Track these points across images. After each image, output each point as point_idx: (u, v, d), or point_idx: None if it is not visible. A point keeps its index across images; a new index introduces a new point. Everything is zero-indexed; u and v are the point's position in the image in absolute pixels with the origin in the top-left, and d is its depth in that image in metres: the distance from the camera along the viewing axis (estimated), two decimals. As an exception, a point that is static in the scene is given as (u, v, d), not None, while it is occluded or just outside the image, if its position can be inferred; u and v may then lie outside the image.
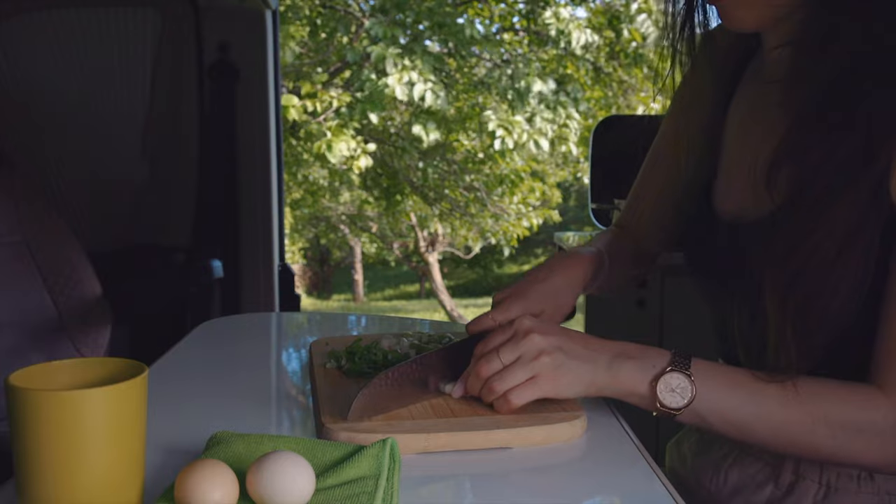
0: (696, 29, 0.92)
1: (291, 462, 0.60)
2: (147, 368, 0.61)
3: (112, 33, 2.32)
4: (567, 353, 0.80)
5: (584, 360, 0.80)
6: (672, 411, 0.78)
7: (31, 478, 0.56)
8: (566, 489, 0.72)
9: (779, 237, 0.78)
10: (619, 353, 0.81)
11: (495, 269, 13.81)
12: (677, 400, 0.77)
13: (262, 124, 2.40)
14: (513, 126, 7.01)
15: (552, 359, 0.80)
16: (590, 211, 2.73)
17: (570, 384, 0.80)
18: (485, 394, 0.82)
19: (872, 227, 0.74)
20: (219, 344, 1.23)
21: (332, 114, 6.96)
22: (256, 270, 2.44)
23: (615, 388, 0.80)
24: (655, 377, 0.78)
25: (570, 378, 0.80)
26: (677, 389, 0.77)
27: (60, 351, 1.77)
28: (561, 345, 0.81)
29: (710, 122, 0.97)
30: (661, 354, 0.80)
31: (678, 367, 0.78)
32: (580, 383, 0.80)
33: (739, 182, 0.90)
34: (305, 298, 11.91)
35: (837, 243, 0.74)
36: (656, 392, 0.78)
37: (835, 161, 0.75)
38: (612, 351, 0.81)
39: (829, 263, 0.75)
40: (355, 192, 9.98)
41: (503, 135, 6.99)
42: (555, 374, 0.80)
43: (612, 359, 0.80)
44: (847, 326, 0.76)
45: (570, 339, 0.82)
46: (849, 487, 0.83)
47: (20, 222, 1.75)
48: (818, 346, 0.77)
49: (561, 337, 0.81)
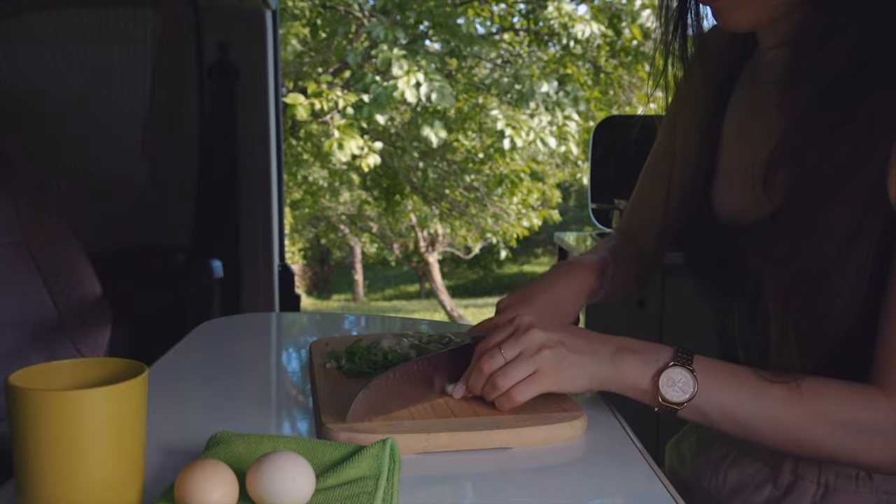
0: (688, 30, 0.92)
1: (291, 462, 0.60)
2: (147, 368, 0.61)
3: (112, 33, 2.32)
4: (569, 347, 0.80)
5: (587, 354, 0.80)
6: (674, 406, 0.78)
7: (31, 478, 0.56)
8: (566, 489, 0.72)
9: (779, 239, 0.77)
10: (621, 347, 0.81)
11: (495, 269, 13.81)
12: (679, 395, 0.77)
13: (262, 124, 2.40)
14: (521, 125, 7.01)
15: (554, 353, 0.79)
16: (590, 211, 2.73)
17: (572, 378, 0.80)
18: (487, 391, 0.82)
19: (871, 228, 0.74)
20: (219, 344, 1.23)
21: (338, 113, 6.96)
22: (256, 270, 2.44)
23: (617, 382, 0.80)
24: (658, 371, 0.78)
25: (572, 372, 0.80)
26: (679, 384, 0.77)
27: (60, 351, 1.77)
28: (562, 339, 0.81)
29: (707, 124, 0.97)
30: (664, 350, 0.80)
31: (680, 362, 0.78)
32: (582, 377, 0.80)
33: (738, 184, 0.90)
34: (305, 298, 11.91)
35: (838, 244, 0.74)
36: (658, 386, 0.78)
37: (833, 162, 0.74)
38: (614, 345, 0.81)
39: (829, 264, 0.75)
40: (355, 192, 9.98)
41: (512, 133, 6.98)
42: (557, 368, 0.79)
43: (614, 352, 0.80)
44: (848, 327, 0.76)
45: (572, 334, 0.82)
46: (847, 487, 0.83)
47: (20, 222, 1.75)
48: (820, 346, 0.77)
49: (562, 332, 0.81)
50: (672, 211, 1.01)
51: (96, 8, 2.30)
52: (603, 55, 8.00)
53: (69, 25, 2.30)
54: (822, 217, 0.75)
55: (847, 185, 0.74)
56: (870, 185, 0.73)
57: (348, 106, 6.83)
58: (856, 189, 0.74)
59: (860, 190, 0.73)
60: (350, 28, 7.54)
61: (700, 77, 0.96)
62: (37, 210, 1.79)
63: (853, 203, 0.74)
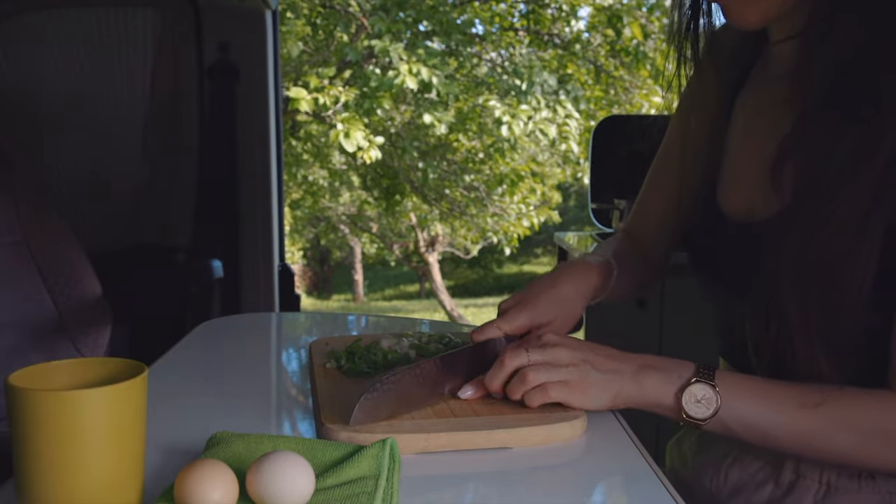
0: (700, 30, 0.92)
1: (291, 462, 0.60)
2: (147, 368, 0.61)
3: (112, 33, 2.32)
4: (594, 365, 0.81)
5: (610, 372, 0.81)
6: (698, 422, 0.78)
7: (31, 478, 0.56)
8: (566, 489, 0.72)
9: (791, 233, 0.77)
10: (643, 364, 0.81)
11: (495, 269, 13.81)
12: (702, 411, 0.78)
13: (262, 124, 2.40)
14: (519, 114, 7.00)
15: (580, 370, 0.81)
16: (590, 211, 2.73)
17: (596, 396, 0.81)
18: (515, 385, 0.81)
19: (878, 221, 0.73)
20: (219, 344, 1.23)
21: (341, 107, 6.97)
22: (256, 270, 2.44)
23: (641, 400, 0.81)
24: (681, 388, 0.79)
25: (596, 390, 0.80)
26: (702, 400, 0.78)
27: (60, 351, 1.77)
28: (587, 357, 0.82)
29: (716, 123, 0.96)
30: (686, 366, 0.80)
31: (703, 377, 0.78)
32: (606, 395, 0.81)
33: (747, 181, 0.89)
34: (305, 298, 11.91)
35: (847, 237, 0.73)
36: (681, 403, 0.78)
37: (840, 153, 0.74)
38: (636, 363, 0.81)
39: (840, 258, 0.74)
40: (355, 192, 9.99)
41: (509, 121, 6.98)
42: (582, 384, 0.80)
43: (637, 370, 0.81)
44: (861, 323, 0.76)
45: (596, 353, 0.82)
46: (849, 487, 0.83)
47: (20, 222, 1.75)
48: (842, 346, 0.76)
49: (587, 350, 0.82)
50: (682, 211, 1.00)
51: (96, 8, 2.30)
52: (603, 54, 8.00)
53: (69, 25, 2.30)
54: (831, 209, 0.74)
55: (855, 176, 0.73)
56: (878, 176, 0.73)
57: (349, 101, 6.84)
58: (864, 180, 0.73)
59: (868, 181, 0.73)
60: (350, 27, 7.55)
61: (711, 77, 0.96)
62: (37, 210, 1.79)
63: (861, 195, 0.73)
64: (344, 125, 6.74)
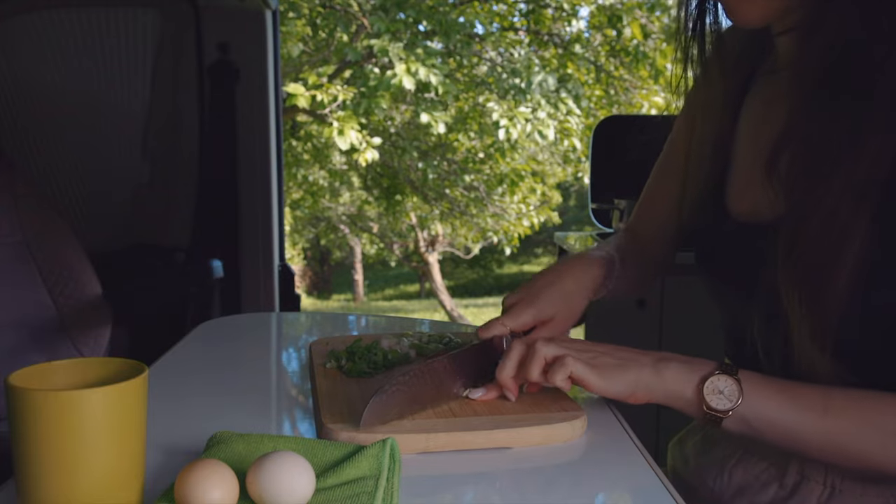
0: (706, 31, 0.92)
1: (291, 462, 0.60)
2: (147, 368, 0.61)
3: (112, 33, 2.32)
4: (610, 355, 0.81)
5: (630, 360, 0.80)
6: (719, 414, 0.77)
7: (31, 478, 0.56)
8: (566, 489, 0.72)
9: (787, 228, 0.76)
10: (662, 357, 0.81)
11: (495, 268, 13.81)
12: (724, 403, 0.76)
13: (262, 124, 2.40)
14: (517, 116, 7.00)
15: (594, 357, 0.81)
16: (590, 211, 2.73)
17: (615, 380, 0.79)
18: (530, 362, 0.81)
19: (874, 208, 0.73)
20: (219, 344, 1.23)
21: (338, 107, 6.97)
22: (256, 270, 2.44)
23: (661, 389, 0.79)
24: (702, 379, 0.78)
25: (616, 373, 0.80)
26: (725, 392, 0.77)
27: (60, 351, 1.77)
28: (605, 350, 0.82)
29: (722, 125, 0.96)
30: (706, 361, 0.80)
31: (725, 370, 0.78)
32: (625, 380, 0.79)
33: (752, 181, 0.89)
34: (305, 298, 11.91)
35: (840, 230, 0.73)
36: (703, 394, 0.77)
37: (833, 142, 0.74)
38: (655, 356, 0.81)
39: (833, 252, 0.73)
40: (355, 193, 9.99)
41: (507, 125, 6.98)
42: (600, 366, 0.80)
43: (657, 361, 0.80)
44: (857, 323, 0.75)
45: (614, 347, 0.83)
46: (853, 489, 0.82)
47: (20, 222, 1.75)
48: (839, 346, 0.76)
49: (604, 346, 0.83)
50: (687, 211, 1.00)
51: (96, 8, 2.30)
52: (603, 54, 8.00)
53: (69, 25, 2.30)
54: (824, 202, 0.74)
55: (850, 168, 0.73)
56: (870, 168, 0.72)
57: (347, 100, 6.84)
58: (857, 170, 0.73)
59: (862, 172, 0.73)
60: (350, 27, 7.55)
61: (718, 78, 0.96)
62: (37, 210, 1.80)
63: (854, 185, 0.73)
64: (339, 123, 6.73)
